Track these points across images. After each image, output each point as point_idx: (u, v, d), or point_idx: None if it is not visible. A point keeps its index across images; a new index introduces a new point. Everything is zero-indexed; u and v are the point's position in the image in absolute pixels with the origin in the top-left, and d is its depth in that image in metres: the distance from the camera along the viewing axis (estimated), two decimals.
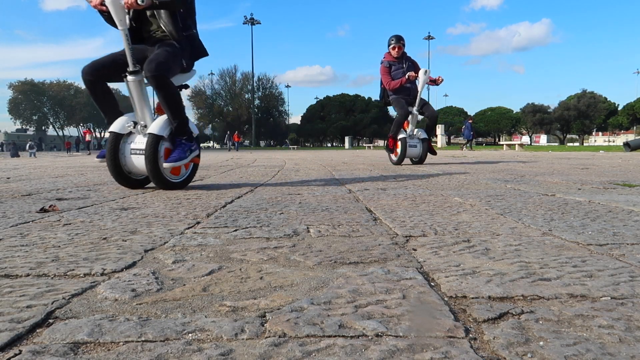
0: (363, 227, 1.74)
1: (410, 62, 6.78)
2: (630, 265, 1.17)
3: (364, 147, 42.91)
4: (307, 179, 4.31)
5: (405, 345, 0.72)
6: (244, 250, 1.38)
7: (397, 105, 6.64)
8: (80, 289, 1.01)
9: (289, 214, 2.07)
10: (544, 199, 2.59)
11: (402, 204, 2.38)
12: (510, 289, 0.98)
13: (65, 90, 72.34)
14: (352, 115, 72.36)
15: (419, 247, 1.39)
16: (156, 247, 1.42)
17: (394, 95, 6.73)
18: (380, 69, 6.79)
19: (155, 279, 1.08)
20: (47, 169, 7.12)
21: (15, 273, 1.14)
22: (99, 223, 1.87)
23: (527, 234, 1.59)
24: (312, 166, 6.93)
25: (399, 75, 6.65)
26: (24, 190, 3.42)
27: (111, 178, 3.51)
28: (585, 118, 65.68)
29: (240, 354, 0.70)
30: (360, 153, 19.19)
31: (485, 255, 1.28)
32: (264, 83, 78.07)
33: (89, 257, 1.29)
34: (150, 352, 0.71)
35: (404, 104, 6.59)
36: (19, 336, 0.77)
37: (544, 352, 0.69)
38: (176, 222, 1.89)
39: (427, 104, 6.75)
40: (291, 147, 52.16)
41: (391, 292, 0.97)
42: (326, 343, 0.73)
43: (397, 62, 6.71)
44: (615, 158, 9.69)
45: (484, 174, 4.69)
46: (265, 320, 0.82)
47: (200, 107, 76.71)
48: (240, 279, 1.09)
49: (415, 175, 4.69)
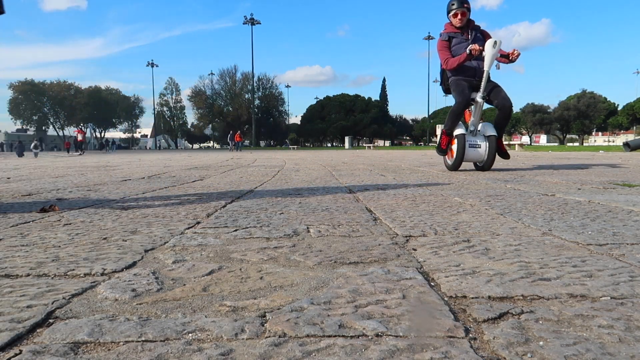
0: (363, 227, 1.74)
1: (478, 32, 5.11)
2: (630, 265, 1.17)
3: (364, 147, 42.90)
4: (307, 179, 4.31)
5: (405, 345, 0.72)
6: (244, 250, 1.38)
7: (455, 89, 5.04)
8: (81, 289, 1.01)
9: (289, 214, 2.07)
10: (544, 199, 2.59)
11: (402, 204, 2.38)
12: (510, 289, 0.98)
13: (65, 90, 72.34)
14: (352, 115, 72.38)
15: (419, 247, 1.39)
16: (156, 247, 1.42)
17: (454, 77, 5.12)
18: (437, 44, 5.21)
19: (156, 279, 1.09)
20: (47, 169, 7.12)
21: (16, 273, 1.14)
22: (99, 223, 1.87)
23: (527, 234, 1.59)
24: (312, 166, 6.93)
25: (461, 50, 4.99)
26: (24, 190, 3.42)
27: (111, 178, 3.50)
28: (585, 118, 65.70)
29: (240, 354, 0.70)
30: (360, 153, 19.19)
31: (485, 255, 1.28)
32: (264, 83, 78.18)
33: (89, 257, 1.29)
34: (150, 352, 0.71)
35: (465, 88, 4.96)
36: (19, 336, 0.77)
37: (544, 352, 0.69)
38: (176, 222, 1.89)
39: (496, 88, 4.98)
40: (291, 147, 52.17)
41: (391, 292, 0.97)
42: (326, 343, 0.73)
43: (461, 34, 5.08)
44: (615, 158, 9.70)
45: (484, 173, 4.69)
46: (265, 320, 0.82)
47: (200, 107, 76.78)
48: (241, 279, 1.09)
49: (415, 175, 4.69)
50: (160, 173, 5.48)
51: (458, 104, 4.99)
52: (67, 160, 12.89)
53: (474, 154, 5.02)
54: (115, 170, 6.45)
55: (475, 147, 4.99)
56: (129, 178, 4.60)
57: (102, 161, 11.00)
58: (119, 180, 4.36)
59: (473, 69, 5.00)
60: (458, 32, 5.09)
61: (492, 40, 4.76)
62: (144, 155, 19.46)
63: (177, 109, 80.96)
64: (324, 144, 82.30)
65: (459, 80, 5.05)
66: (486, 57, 4.81)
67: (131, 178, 4.60)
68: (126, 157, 15.96)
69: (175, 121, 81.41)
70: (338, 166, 6.86)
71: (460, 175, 4.59)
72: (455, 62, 4.97)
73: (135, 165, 7.92)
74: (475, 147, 4.99)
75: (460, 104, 4.97)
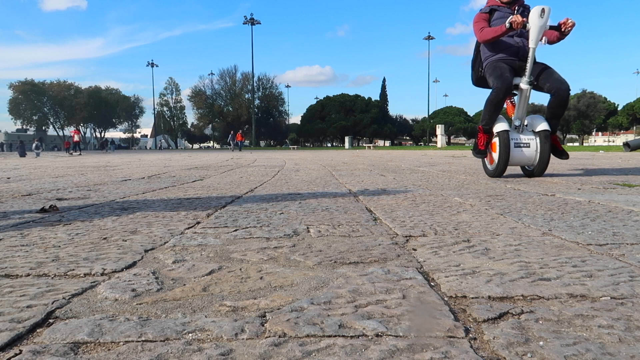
0: (363, 227, 1.74)
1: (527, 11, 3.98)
2: (630, 265, 1.17)
3: (364, 147, 42.92)
4: (307, 179, 4.31)
5: (405, 345, 0.72)
6: (244, 250, 1.38)
7: (492, 73, 3.96)
8: (81, 289, 1.01)
9: (289, 214, 2.07)
10: (544, 199, 2.58)
11: (402, 204, 2.38)
12: (510, 289, 0.98)
13: (65, 90, 72.32)
14: (352, 115, 72.36)
15: (419, 247, 1.39)
16: (156, 247, 1.42)
17: (491, 58, 4.06)
18: (474, 18, 4.14)
19: (156, 279, 1.09)
20: (47, 169, 7.12)
21: (16, 273, 1.14)
22: (99, 223, 1.87)
23: (527, 234, 1.59)
24: (312, 166, 6.93)
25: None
26: (24, 190, 3.42)
27: (111, 178, 3.51)
28: (585, 118, 65.67)
29: (240, 354, 0.70)
30: (360, 153, 19.19)
31: (485, 255, 1.28)
32: (264, 83, 78.15)
33: (89, 257, 1.29)
34: (150, 352, 0.71)
35: (506, 71, 3.88)
36: (19, 336, 0.77)
37: (544, 352, 0.69)
38: (176, 222, 1.89)
39: (547, 70, 3.90)
40: (291, 147, 52.18)
41: (391, 292, 0.97)
42: (326, 343, 0.73)
43: (507, 7, 4.03)
44: (615, 158, 9.70)
45: (484, 173, 4.69)
46: (265, 320, 0.82)
47: (200, 107, 76.77)
48: (240, 279, 1.09)
49: (415, 175, 4.69)
50: (160, 173, 5.48)
51: (496, 91, 3.87)
52: (67, 160, 12.90)
53: (522, 156, 3.96)
54: (115, 170, 6.45)
55: (522, 146, 3.95)
56: (129, 178, 4.60)
57: (102, 161, 11.00)
58: (119, 180, 4.36)
59: (516, 48, 3.96)
60: (503, 6, 4.04)
61: (539, 7, 3.69)
62: (144, 155, 19.46)
63: (177, 109, 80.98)
64: (324, 144, 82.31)
65: (497, 61, 4.01)
66: (531, 30, 3.74)
67: (131, 178, 4.60)
68: (126, 157, 15.96)
69: (175, 121, 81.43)
70: (338, 166, 6.86)
71: (461, 175, 4.59)
72: (491, 33, 3.92)
73: (135, 165, 7.92)
74: (522, 146, 3.95)
75: (499, 91, 3.84)
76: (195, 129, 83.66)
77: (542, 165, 3.94)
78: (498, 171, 4.03)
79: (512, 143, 3.93)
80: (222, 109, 76.46)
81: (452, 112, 75.73)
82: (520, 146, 3.96)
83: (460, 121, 72.43)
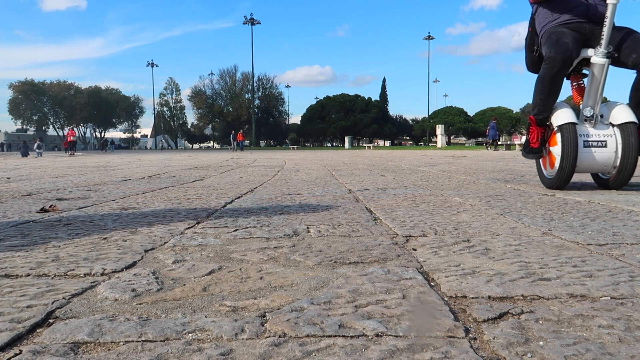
0: (363, 227, 1.74)
1: None
2: (630, 265, 1.17)
3: (364, 147, 42.92)
4: (307, 179, 4.31)
5: (405, 345, 0.72)
6: (244, 250, 1.38)
7: (548, 41, 2.91)
8: (81, 289, 1.01)
9: (289, 214, 2.07)
10: (544, 198, 2.59)
11: (402, 204, 2.38)
12: (510, 289, 0.98)
13: (65, 90, 72.36)
14: (352, 115, 72.36)
15: (419, 247, 1.39)
16: (156, 247, 1.42)
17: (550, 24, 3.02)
18: None
19: (156, 279, 1.09)
20: (47, 169, 7.12)
21: (16, 273, 1.14)
22: (99, 223, 1.87)
23: (527, 234, 1.59)
24: (312, 166, 6.93)
25: None
26: (24, 190, 3.42)
27: (111, 178, 3.51)
28: None
29: (240, 354, 0.70)
30: (360, 153, 19.20)
31: (485, 255, 1.28)
32: (264, 83, 78.18)
33: (89, 257, 1.29)
34: (150, 352, 0.71)
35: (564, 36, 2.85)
36: (19, 336, 0.77)
37: (544, 352, 0.69)
38: (176, 222, 1.89)
39: (633, 35, 2.84)
40: (291, 147, 52.18)
41: (391, 292, 0.97)
42: (326, 343, 0.73)
43: None
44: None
45: (484, 173, 4.69)
46: (265, 320, 0.82)
47: (200, 107, 76.80)
48: (240, 279, 1.09)
49: (415, 175, 4.69)
50: (160, 173, 5.48)
51: (549, 63, 2.79)
52: (67, 160, 12.90)
53: (594, 160, 2.89)
54: (115, 170, 6.45)
55: (595, 145, 2.88)
56: (129, 178, 4.60)
57: (102, 161, 11.00)
58: (119, 180, 4.36)
59: (584, 6, 2.93)
60: None
61: None
62: (144, 155, 19.46)
63: (177, 109, 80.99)
64: (324, 144, 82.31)
65: (557, 26, 2.95)
66: None
67: (131, 178, 4.60)
68: (126, 157, 15.96)
69: (175, 121, 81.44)
70: (338, 166, 6.86)
71: (461, 175, 4.59)
72: None
73: (135, 165, 7.92)
74: (595, 145, 2.88)
75: (552, 62, 2.78)
76: (195, 129, 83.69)
77: (628, 171, 2.81)
78: (561, 180, 2.93)
79: (580, 141, 2.85)
80: (222, 109, 76.48)
81: (452, 112, 75.73)
82: (592, 145, 2.87)
83: (460, 121, 72.43)
